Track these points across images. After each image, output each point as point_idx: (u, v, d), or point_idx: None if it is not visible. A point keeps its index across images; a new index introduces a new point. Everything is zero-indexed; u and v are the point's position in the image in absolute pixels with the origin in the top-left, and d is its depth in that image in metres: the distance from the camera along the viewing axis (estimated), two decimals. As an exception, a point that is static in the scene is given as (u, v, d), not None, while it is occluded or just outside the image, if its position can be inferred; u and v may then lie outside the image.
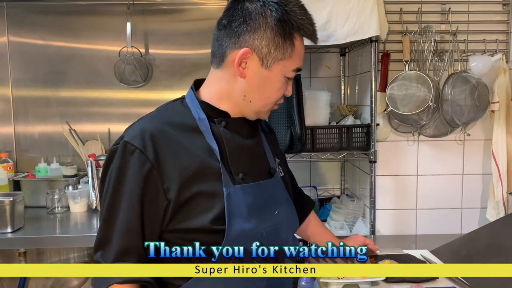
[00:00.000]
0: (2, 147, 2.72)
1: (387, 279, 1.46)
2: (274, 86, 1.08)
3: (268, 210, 1.12)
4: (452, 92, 2.16)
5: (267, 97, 1.09)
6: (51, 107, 2.74)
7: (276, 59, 1.05)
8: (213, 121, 1.10)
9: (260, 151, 1.19)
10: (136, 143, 1.01)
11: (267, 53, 1.05)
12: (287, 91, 1.11)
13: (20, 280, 2.57)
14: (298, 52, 1.07)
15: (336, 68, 2.68)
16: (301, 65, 1.10)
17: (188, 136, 1.06)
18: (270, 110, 1.14)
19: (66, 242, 2.08)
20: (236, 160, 1.08)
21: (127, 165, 1.01)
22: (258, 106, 1.11)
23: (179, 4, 2.72)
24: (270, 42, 1.04)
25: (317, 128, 2.17)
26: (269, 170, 1.16)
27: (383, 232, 2.31)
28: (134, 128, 1.07)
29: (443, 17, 2.26)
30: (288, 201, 1.21)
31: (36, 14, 2.70)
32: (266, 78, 1.07)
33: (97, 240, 1.03)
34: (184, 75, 2.73)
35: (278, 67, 1.06)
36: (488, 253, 1.65)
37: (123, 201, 1.01)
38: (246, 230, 1.04)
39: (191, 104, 1.11)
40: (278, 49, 1.05)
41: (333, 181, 2.76)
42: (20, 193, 2.24)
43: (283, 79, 1.08)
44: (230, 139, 1.09)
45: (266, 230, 1.08)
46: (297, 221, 1.26)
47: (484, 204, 2.29)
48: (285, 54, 1.05)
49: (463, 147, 2.31)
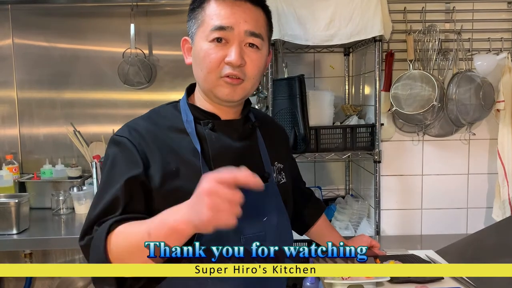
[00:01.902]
0: (8, 149, 2.74)
1: (392, 280, 1.45)
2: (199, 56, 1.07)
3: (255, 216, 1.09)
4: (457, 91, 2.15)
5: (200, 71, 1.08)
6: (56, 108, 2.76)
7: (195, 30, 1.09)
8: (200, 123, 1.11)
9: (254, 154, 1.16)
10: (124, 134, 1.07)
11: (190, 31, 1.11)
12: (227, 56, 1.04)
13: (26, 281, 2.59)
14: (209, 13, 1.06)
15: (340, 68, 2.67)
16: (220, 23, 1.04)
17: (175, 137, 1.09)
18: (227, 84, 1.06)
19: (71, 243, 2.08)
20: (219, 161, 1.07)
21: (117, 153, 1.06)
22: (202, 83, 1.10)
23: (182, 5, 2.72)
24: (190, 21, 1.11)
25: (321, 128, 2.16)
26: (262, 174, 1.13)
27: (388, 232, 2.30)
28: (124, 126, 1.12)
29: (448, 16, 2.24)
30: (279, 210, 1.16)
31: (41, 16, 2.72)
32: (195, 53, 1.09)
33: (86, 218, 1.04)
34: (187, 76, 2.73)
35: (198, 36, 1.08)
36: (494, 253, 1.64)
37: (111, 181, 1.03)
38: (221, 233, 1.00)
39: (182, 107, 1.14)
40: (193, 22, 1.10)
41: (337, 181, 2.75)
42: (25, 194, 2.25)
43: (206, 45, 1.05)
44: (215, 140, 1.09)
45: (246, 236, 1.06)
46: (289, 231, 1.20)
47: (490, 203, 2.27)
48: (198, 21, 1.08)
49: (469, 146, 2.30)
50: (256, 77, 1.10)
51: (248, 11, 1.07)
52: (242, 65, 1.06)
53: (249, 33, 1.06)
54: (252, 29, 1.06)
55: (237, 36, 1.05)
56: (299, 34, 2.06)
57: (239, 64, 1.04)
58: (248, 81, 1.08)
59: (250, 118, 1.20)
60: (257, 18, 1.08)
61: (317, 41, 2.08)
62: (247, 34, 1.05)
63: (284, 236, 1.17)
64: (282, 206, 1.17)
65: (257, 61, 1.08)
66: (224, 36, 1.04)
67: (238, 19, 1.05)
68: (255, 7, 1.08)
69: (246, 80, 1.08)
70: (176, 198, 1.01)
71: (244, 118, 1.17)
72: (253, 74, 1.08)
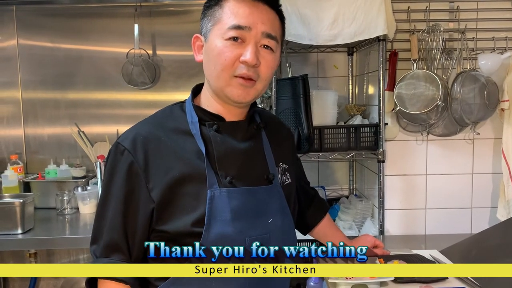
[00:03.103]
0: (12, 149, 2.75)
1: (396, 279, 1.45)
2: (213, 53, 1.06)
3: (259, 217, 1.09)
4: (461, 91, 2.14)
5: (213, 68, 1.06)
6: (60, 109, 2.77)
7: (210, 27, 1.08)
8: (205, 125, 1.11)
9: (259, 155, 1.16)
10: (126, 144, 1.06)
11: (204, 28, 1.10)
12: (243, 56, 1.04)
13: (31, 281, 2.60)
14: (227, 11, 1.06)
15: (344, 67, 2.67)
16: (238, 22, 1.04)
17: (179, 139, 1.09)
18: (240, 85, 1.06)
19: (75, 243, 2.09)
20: (224, 163, 1.08)
21: (116, 164, 1.06)
22: (213, 82, 1.08)
23: (186, 5, 2.73)
24: (204, 18, 1.10)
25: (325, 128, 2.16)
26: (267, 176, 1.14)
27: (392, 232, 2.29)
28: (129, 130, 1.11)
29: (452, 15, 2.24)
30: (283, 211, 1.16)
31: (45, 17, 2.73)
32: (208, 50, 1.08)
33: (92, 234, 1.09)
34: (191, 76, 2.74)
35: (213, 34, 1.07)
36: (499, 253, 1.63)
37: (110, 199, 1.06)
38: (227, 234, 1.03)
39: (188, 108, 1.14)
40: (209, 19, 1.09)
41: (341, 181, 2.75)
42: (30, 194, 2.26)
43: (221, 42, 1.05)
44: (220, 142, 1.09)
45: (252, 237, 1.05)
46: (293, 232, 1.21)
47: (494, 203, 2.26)
48: (215, 18, 1.07)
49: (473, 146, 2.29)
50: (268, 78, 1.10)
51: (265, 12, 1.07)
52: (256, 65, 1.06)
53: (265, 35, 1.06)
54: (268, 31, 1.07)
55: (253, 37, 1.05)
56: (303, 34, 2.06)
57: (254, 63, 1.04)
58: (261, 82, 1.09)
59: (255, 119, 1.19)
60: (273, 21, 1.09)
61: (321, 40, 2.08)
62: (264, 35, 1.06)
63: (288, 237, 1.17)
64: (286, 207, 1.17)
65: (271, 62, 1.09)
66: (240, 36, 1.05)
67: (256, 19, 1.05)
68: (272, 10, 1.09)
69: (258, 81, 1.08)
70: (181, 204, 1.03)
71: (249, 119, 1.17)
72: (266, 75, 1.08)
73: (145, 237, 1.06)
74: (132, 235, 1.05)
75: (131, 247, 1.06)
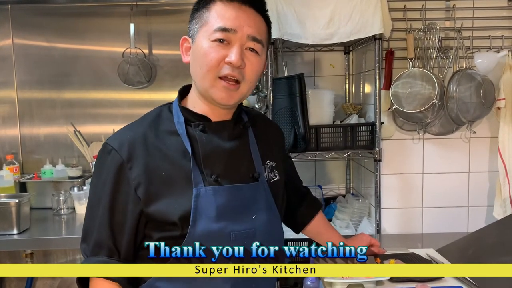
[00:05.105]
0: (8, 149, 2.74)
1: (392, 278, 1.45)
2: (199, 54, 1.08)
3: (244, 214, 1.11)
4: (457, 90, 2.14)
5: (199, 69, 1.08)
6: (56, 108, 2.76)
7: (197, 29, 1.10)
8: (191, 125, 1.12)
9: (245, 154, 1.17)
10: (113, 144, 1.09)
11: (192, 30, 1.12)
12: (228, 57, 1.05)
13: (27, 281, 2.59)
14: (214, 14, 1.07)
15: (340, 66, 2.67)
16: (224, 24, 1.06)
17: (166, 139, 1.11)
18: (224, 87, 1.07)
19: (72, 243, 2.08)
20: (210, 162, 1.10)
21: (103, 164, 1.09)
22: (199, 82, 1.10)
23: (182, 4, 2.72)
24: (192, 21, 1.12)
25: (322, 127, 2.16)
26: (252, 174, 1.15)
27: (388, 231, 2.30)
28: (118, 131, 1.14)
29: (448, 14, 2.24)
30: (269, 208, 1.17)
31: (40, 16, 2.72)
32: (195, 51, 1.10)
33: (82, 232, 1.12)
34: (188, 75, 2.66)
35: (200, 35, 1.09)
36: (496, 252, 1.63)
37: (98, 198, 1.08)
38: (212, 230, 1.05)
39: (174, 109, 1.16)
40: (196, 21, 1.11)
41: (338, 180, 2.75)
42: (26, 194, 2.25)
43: (207, 44, 1.06)
44: (206, 141, 1.11)
45: (236, 232, 1.08)
46: (279, 228, 1.22)
47: (491, 202, 2.27)
48: (202, 21, 1.09)
49: (469, 144, 2.30)
50: (253, 81, 1.12)
51: (252, 16, 1.09)
52: (241, 67, 1.07)
53: (251, 38, 1.08)
54: (254, 34, 1.08)
55: (239, 39, 1.07)
56: (299, 32, 2.06)
57: (239, 65, 1.06)
58: (246, 84, 1.10)
59: (242, 118, 1.21)
60: (260, 25, 1.11)
61: (317, 39, 2.08)
62: (249, 38, 1.08)
63: (274, 232, 1.19)
64: (272, 203, 1.19)
65: (256, 65, 1.10)
66: (226, 38, 1.06)
67: (242, 23, 1.07)
68: (258, 14, 1.11)
69: (243, 82, 1.09)
70: (166, 202, 1.05)
71: (235, 118, 1.18)
72: (251, 77, 1.10)
73: (134, 235, 1.07)
74: (120, 233, 1.07)
75: (119, 245, 1.07)
